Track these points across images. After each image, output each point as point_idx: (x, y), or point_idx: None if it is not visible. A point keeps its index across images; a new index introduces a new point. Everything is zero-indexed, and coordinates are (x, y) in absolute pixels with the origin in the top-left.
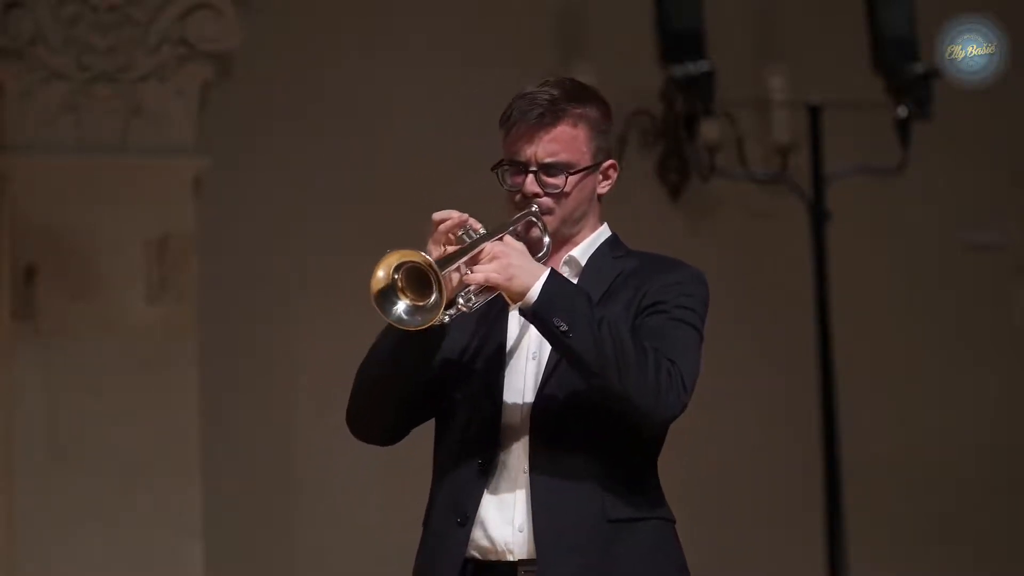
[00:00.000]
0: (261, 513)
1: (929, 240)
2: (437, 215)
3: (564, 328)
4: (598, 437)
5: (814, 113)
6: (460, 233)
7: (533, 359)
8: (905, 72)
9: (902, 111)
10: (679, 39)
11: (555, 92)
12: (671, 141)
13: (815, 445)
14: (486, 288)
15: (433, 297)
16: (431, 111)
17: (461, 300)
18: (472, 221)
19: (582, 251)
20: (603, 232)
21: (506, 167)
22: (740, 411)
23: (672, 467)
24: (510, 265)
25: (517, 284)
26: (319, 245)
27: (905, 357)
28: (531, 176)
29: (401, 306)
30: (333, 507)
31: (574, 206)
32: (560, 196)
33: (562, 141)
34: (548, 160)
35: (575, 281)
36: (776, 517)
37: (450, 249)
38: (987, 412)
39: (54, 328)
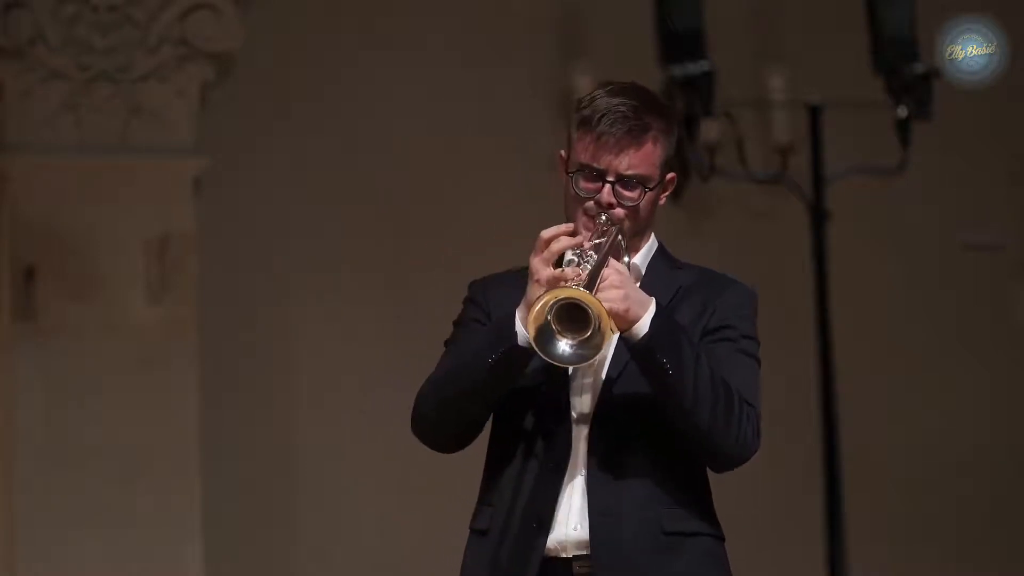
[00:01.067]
0: (261, 513)
1: (929, 240)
2: (547, 233)
3: (668, 366)
4: (656, 449)
5: (814, 113)
6: (569, 256)
7: (593, 372)
8: (905, 72)
9: (902, 111)
10: (679, 39)
11: (635, 103)
12: None
13: (815, 445)
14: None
15: (592, 330)
16: (431, 111)
17: None
18: (582, 239)
19: (640, 259)
20: (655, 242)
21: (580, 172)
22: None
23: None
24: (628, 296)
25: (632, 314)
26: (319, 245)
27: (905, 357)
28: (608, 186)
29: (563, 345)
30: (333, 507)
31: (644, 219)
32: (635, 210)
33: (643, 156)
34: (628, 173)
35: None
36: (776, 517)
37: (578, 275)
38: (987, 412)
39: (54, 328)
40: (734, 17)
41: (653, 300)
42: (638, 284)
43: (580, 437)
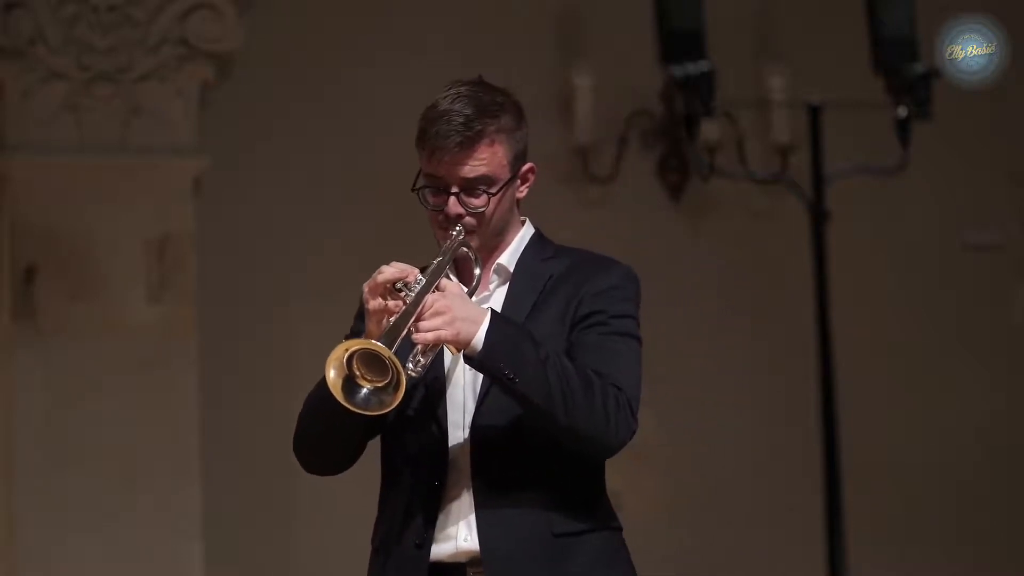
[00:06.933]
0: (261, 513)
1: (929, 240)
2: (384, 268)
3: (510, 375)
4: (538, 457)
5: (814, 113)
6: (399, 285)
7: (470, 385)
8: (905, 72)
9: (902, 111)
10: (679, 39)
11: (468, 111)
12: (671, 141)
13: (815, 445)
14: (433, 344)
15: (390, 378)
16: None
17: (411, 366)
18: (411, 273)
19: (509, 256)
20: (527, 232)
21: (427, 187)
22: (740, 411)
23: (673, 467)
24: (455, 319)
25: (464, 336)
26: (319, 245)
27: (905, 357)
28: (453, 198)
29: (363, 393)
30: (333, 507)
31: (497, 221)
32: (482, 216)
33: (481, 160)
34: (469, 180)
35: (505, 288)
36: (776, 517)
37: (392, 314)
38: (987, 412)
39: (54, 328)
40: (734, 17)
41: (488, 312)
42: (506, 284)
43: (462, 450)
